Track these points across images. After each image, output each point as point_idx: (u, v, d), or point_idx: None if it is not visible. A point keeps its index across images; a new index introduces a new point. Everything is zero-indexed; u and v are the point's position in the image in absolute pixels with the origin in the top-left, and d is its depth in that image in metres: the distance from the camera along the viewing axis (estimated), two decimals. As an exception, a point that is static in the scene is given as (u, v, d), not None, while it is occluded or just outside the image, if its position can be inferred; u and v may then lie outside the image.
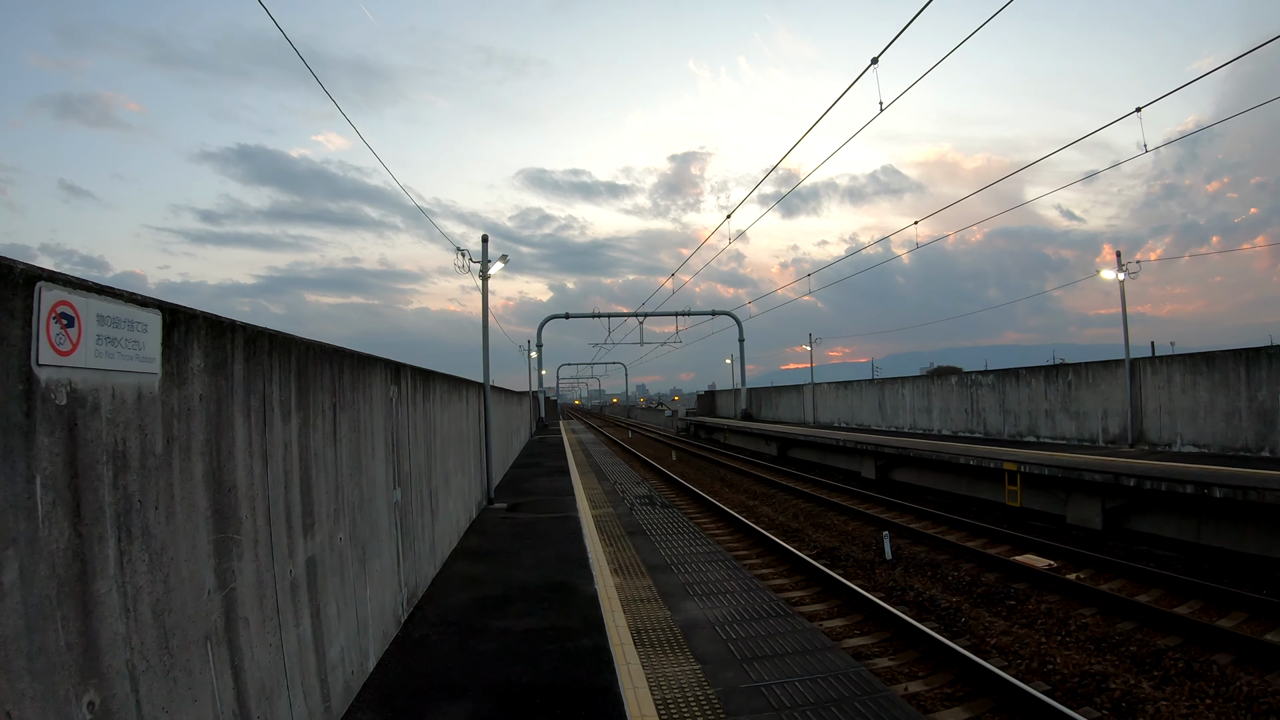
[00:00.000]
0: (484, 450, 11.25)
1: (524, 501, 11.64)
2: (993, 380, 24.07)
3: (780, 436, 30.30)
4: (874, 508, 16.54)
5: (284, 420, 3.30)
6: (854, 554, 11.85)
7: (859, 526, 14.23)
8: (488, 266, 11.60)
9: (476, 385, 10.72)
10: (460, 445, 9.01)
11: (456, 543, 8.35)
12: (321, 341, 3.84)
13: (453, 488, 8.18)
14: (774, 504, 18.32)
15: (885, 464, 21.45)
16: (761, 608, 6.11)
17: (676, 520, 10.47)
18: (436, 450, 7.24)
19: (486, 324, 11.38)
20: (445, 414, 7.82)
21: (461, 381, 9.23)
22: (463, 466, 9.16)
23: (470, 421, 9.98)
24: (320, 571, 3.69)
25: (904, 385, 28.92)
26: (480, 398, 11.13)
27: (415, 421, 6.21)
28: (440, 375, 7.58)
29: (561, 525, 9.44)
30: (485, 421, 11.27)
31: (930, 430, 27.01)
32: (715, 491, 21.17)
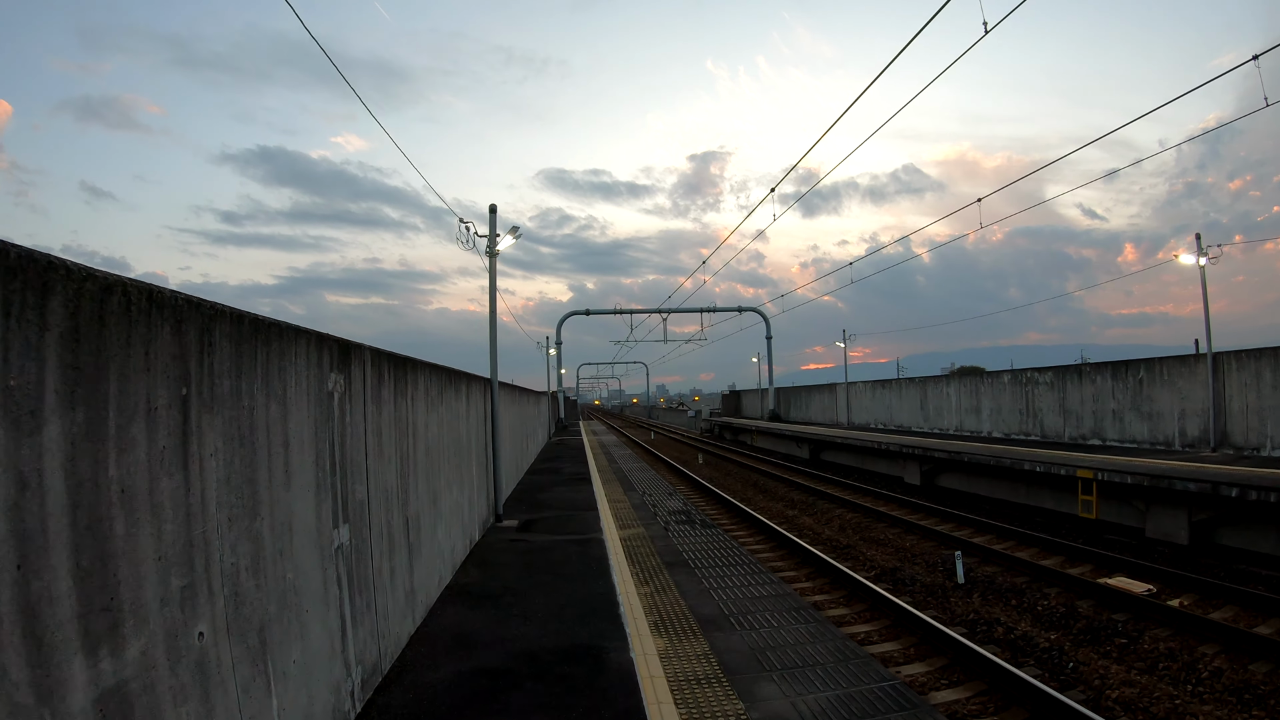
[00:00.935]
0: (491, 459, 9.51)
1: (538, 518, 9.89)
2: (1051, 378, 21.90)
3: (812, 438, 28.38)
4: (926, 518, 14.77)
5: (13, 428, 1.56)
6: (918, 576, 10.16)
7: (917, 542, 12.43)
8: (495, 242, 9.87)
9: (481, 381, 8.98)
10: (458, 455, 7.28)
11: (450, 578, 6.61)
12: (157, 285, 2.11)
13: (444, 509, 6.45)
14: (816, 514, 16.52)
15: (932, 469, 19.56)
16: (867, 690, 4.28)
17: (722, 544, 8.63)
18: (418, 464, 5.50)
19: (494, 309, 9.65)
20: (433, 417, 6.09)
21: (460, 376, 7.50)
22: (461, 480, 7.43)
23: (473, 425, 8.25)
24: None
25: (949, 384, 26.76)
26: (486, 396, 9.40)
27: (380, 427, 4.48)
28: (425, 365, 5.84)
29: (583, 552, 7.65)
30: (493, 424, 9.54)
31: (978, 432, 24.90)
32: (749, 499, 19.40)
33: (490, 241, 9.87)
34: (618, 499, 12.24)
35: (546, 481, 14.45)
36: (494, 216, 9.96)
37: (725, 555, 8.05)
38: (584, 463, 18.78)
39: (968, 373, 27.59)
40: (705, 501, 17.82)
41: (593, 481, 14.34)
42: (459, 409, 7.35)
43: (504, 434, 11.23)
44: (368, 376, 4.25)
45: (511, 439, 13.18)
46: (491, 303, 9.66)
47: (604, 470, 17.99)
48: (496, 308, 9.64)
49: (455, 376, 7.19)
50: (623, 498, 12.46)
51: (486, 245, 9.89)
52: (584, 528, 9.03)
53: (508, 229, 9.78)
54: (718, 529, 9.57)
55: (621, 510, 10.98)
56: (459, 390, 7.38)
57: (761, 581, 7.01)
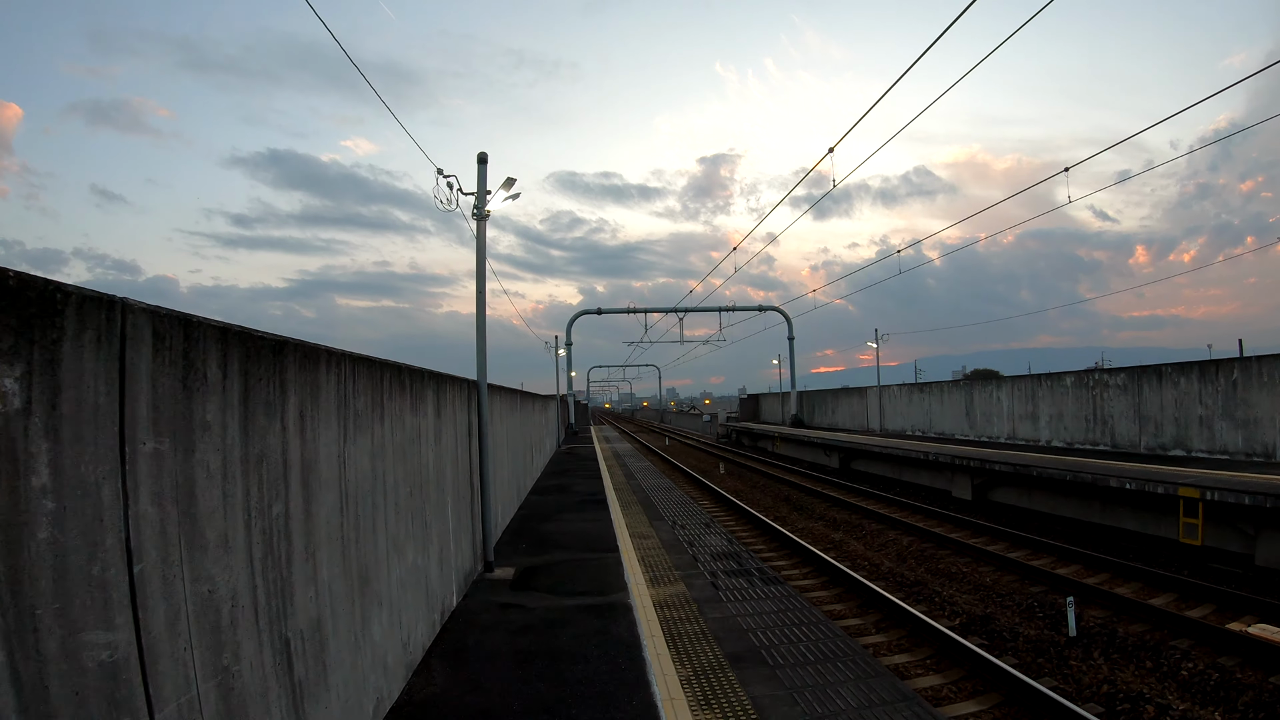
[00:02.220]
0: (478, 490, 7.08)
1: (542, 564, 7.45)
2: (1124, 380, 19.28)
3: (843, 446, 25.91)
4: (993, 542, 12.74)
5: None
6: (1015, 626, 8.08)
7: (995, 576, 10.32)
8: (485, 200, 7.48)
9: (461, 384, 6.56)
10: (418, 495, 4.86)
11: (397, 693, 4.19)
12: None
13: (389, 587, 4.03)
14: (865, 537, 14.18)
15: (985, 482, 17.17)
16: None
17: (801, 616, 6.16)
18: (319, 530, 3.10)
19: (483, 287, 7.22)
20: (362, 444, 3.69)
21: (422, 377, 5.09)
22: (426, 533, 5.01)
23: (447, 447, 5.83)
24: None
25: (1000, 387, 24.11)
26: (471, 403, 6.99)
27: (190, 476, 2.09)
28: (340, 358, 3.44)
29: (605, 632, 5.20)
30: (480, 443, 7.11)
31: (1035, 441, 22.32)
32: (784, 519, 16.98)
33: (478, 199, 7.48)
34: (643, 533, 9.77)
35: (554, 505, 12.03)
36: (483, 169, 7.56)
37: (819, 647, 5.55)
38: (598, 478, 16.36)
39: (979, 376, 25.08)
40: (732, 517, 15.35)
41: (609, 505, 11.91)
42: (420, 427, 4.93)
43: (498, 453, 8.82)
44: (144, 373, 1.87)
45: (510, 456, 10.78)
46: (479, 279, 7.24)
47: (621, 488, 15.55)
48: (485, 286, 7.23)
49: (412, 378, 4.76)
50: (649, 530, 9.99)
51: (474, 204, 7.50)
52: (603, 582, 6.57)
53: (502, 183, 7.37)
54: (783, 584, 7.08)
55: (650, 551, 8.52)
56: (420, 399, 4.96)
57: (877, 686, 4.54)
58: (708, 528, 10.28)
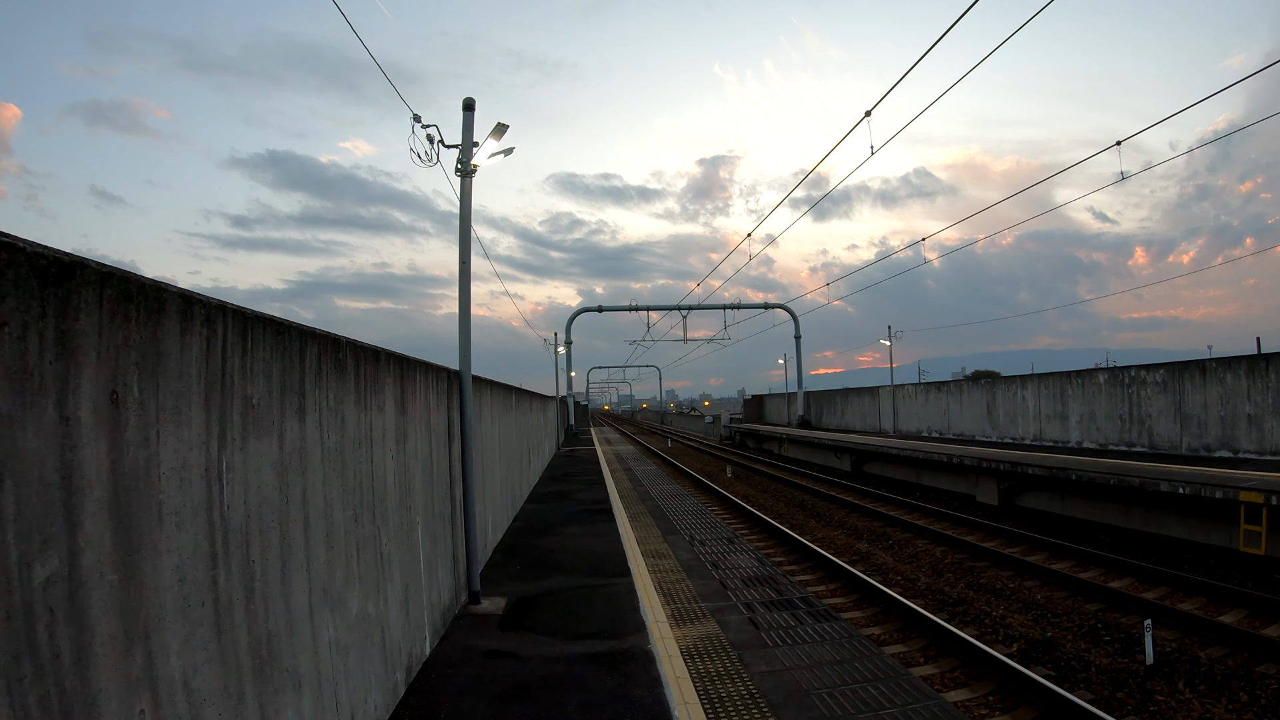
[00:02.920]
0: (460, 506, 5.77)
1: (538, 594, 6.14)
2: (1163, 376, 18.06)
3: (855, 448, 24.72)
4: (1032, 553, 11.80)
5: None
6: (1083, 652, 7.08)
7: (1045, 592, 9.31)
8: (471, 153, 6.19)
9: (435, 374, 5.24)
10: (373, 517, 3.56)
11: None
12: None
13: (312, 654, 2.73)
14: (892, 548, 13.02)
15: (1013, 487, 16.09)
16: None
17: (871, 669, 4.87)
18: (177, 598, 1.82)
19: (467, 255, 5.91)
20: (272, 450, 2.40)
21: (382, 359, 3.79)
22: (380, 568, 3.70)
23: (415, 452, 4.52)
24: None
25: (1025, 385, 22.84)
26: (452, 397, 5.69)
27: None
28: (251, 320, 2.15)
29: (621, 705, 3.89)
30: (463, 447, 5.80)
31: (1064, 442, 21.10)
32: (801, 526, 15.79)
33: (464, 152, 6.18)
34: (657, 550, 8.45)
35: (554, 515, 10.72)
36: (470, 116, 6.27)
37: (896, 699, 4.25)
38: (601, 483, 15.05)
39: (980, 376, 23.92)
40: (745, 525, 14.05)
41: (616, 515, 10.60)
42: (373, 426, 3.62)
43: (488, 457, 7.51)
44: None
45: (504, 461, 9.47)
46: (463, 247, 5.94)
47: (627, 495, 14.25)
48: (470, 256, 5.92)
49: (360, 359, 3.45)
50: (663, 547, 8.67)
51: (458, 158, 6.21)
52: (616, 620, 5.26)
53: (491, 130, 6.06)
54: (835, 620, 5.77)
55: (668, 574, 7.19)
56: (375, 388, 3.66)
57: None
58: (731, 544, 8.97)
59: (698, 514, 11.69)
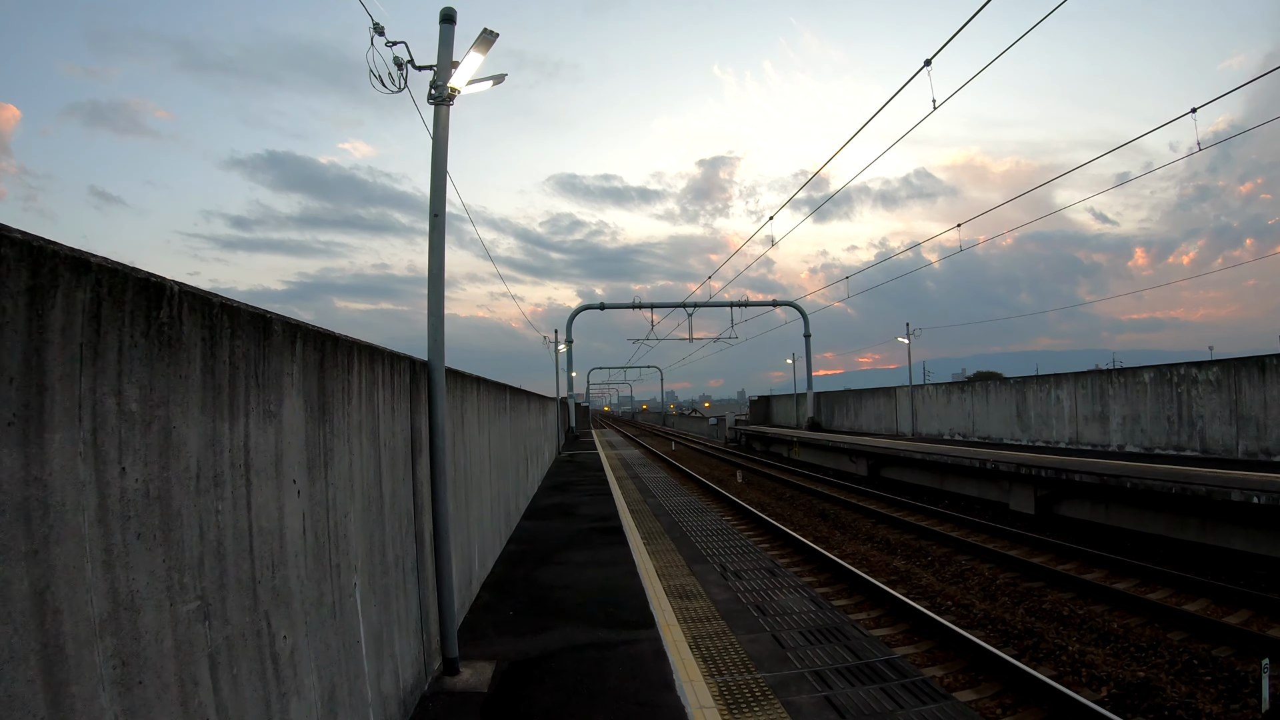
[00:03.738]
0: (427, 542, 4.25)
1: (536, 656, 4.61)
2: (1217, 374, 16.61)
3: (871, 452, 23.29)
4: (1086, 570, 10.65)
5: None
6: (1186, 698, 5.98)
7: (1125, 620, 8.18)
8: (448, 73, 4.68)
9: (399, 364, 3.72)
10: (250, 603, 2.09)
11: None
12: None
13: None
14: (933, 566, 11.56)
15: (1051, 494, 14.81)
16: None
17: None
18: None
19: (441, 199, 4.39)
20: None
21: (284, 332, 2.28)
22: (271, 680, 2.22)
23: (362, 473, 3.03)
24: None
25: (1060, 385, 21.32)
26: (417, 397, 4.17)
27: None
28: None
29: None
30: (433, 464, 4.28)
31: (1103, 446, 19.64)
32: (826, 538, 14.48)
33: (439, 73, 4.67)
34: (685, 587, 6.88)
35: (555, 535, 9.20)
36: (449, 30, 4.75)
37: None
38: (607, 494, 13.53)
39: (983, 377, 22.50)
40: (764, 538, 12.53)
41: (627, 534, 9.09)
42: (254, 448, 2.12)
43: (475, 473, 6.00)
44: None
45: (496, 474, 7.94)
46: (436, 195, 4.42)
47: (637, 507, 12.74)
48: (444, 208, 4.41)
49: (224, 322, 1.96)
50: (691, 582, 7.09)
51: (431, 82, 4.70)
52: (646, 706, 3.75)
53: (475, 40, 4.54)
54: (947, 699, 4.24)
55: (703, 624, 5.64)
56: (264, 385, 2.16)
57: None
58: (772, 576, 7.40)
59: (722, 533, 10.17)
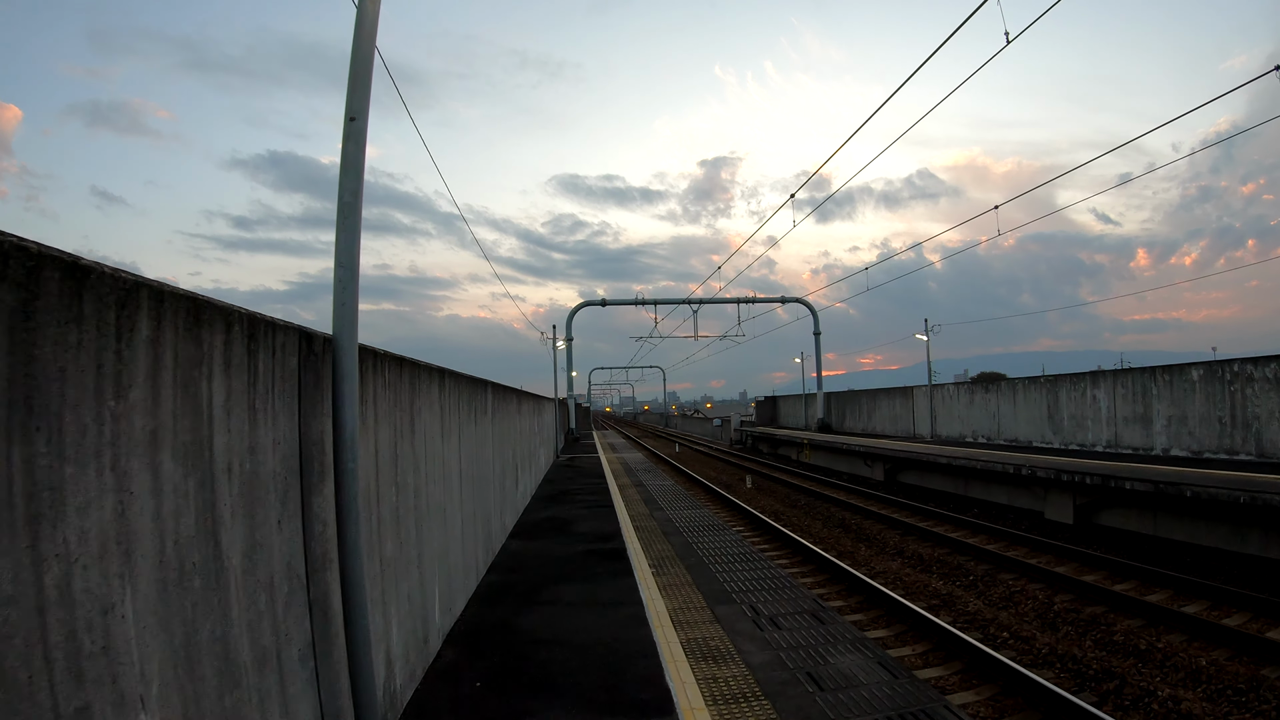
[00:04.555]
0: (337, 617, 2.71)
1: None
2: (1275, 371, 15.08)
3: (888, 455, 21.79)
4: (1157, 593, 9.34)
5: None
6: None
7: (1211, 654, 6.96)
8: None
9: (265, 334, 2.18)
10: None
11: None
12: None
13: None
14: (976, 588, 10.07)
15: (1092, 502, 13.46)
16: None
17: None
18: None
19: (365, 95, 2.90)
20: None
21: None
22: None
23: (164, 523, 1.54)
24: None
25: (1097, 384, 19.74)
26: (312, 388, 2.65)
27: None
28: None
29: None
30: (339, 496, 2.77)
31: (1145, 449, 18.10)
32: (850, 553, 13.08)
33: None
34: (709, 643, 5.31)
35: (545, 561, 7.67)
36: None
37: None
38: (607, 504, 11.99)
39: (986, 378, 21.08)
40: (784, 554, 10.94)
41: (632, 560, 7.55)
42: None
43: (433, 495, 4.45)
44: None
45: (472, 491, 6.37)
46: (356, 84, 2.90)
47: (643, 524, 11.20)
48: (368, 105, 2.89)
49: None
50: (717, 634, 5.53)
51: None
52: None
53: None
54: None
55: (741, 701, 4.11)
56: None
57: None
58: (819, 623, 5.84)
59: (745, 559, 8.61)
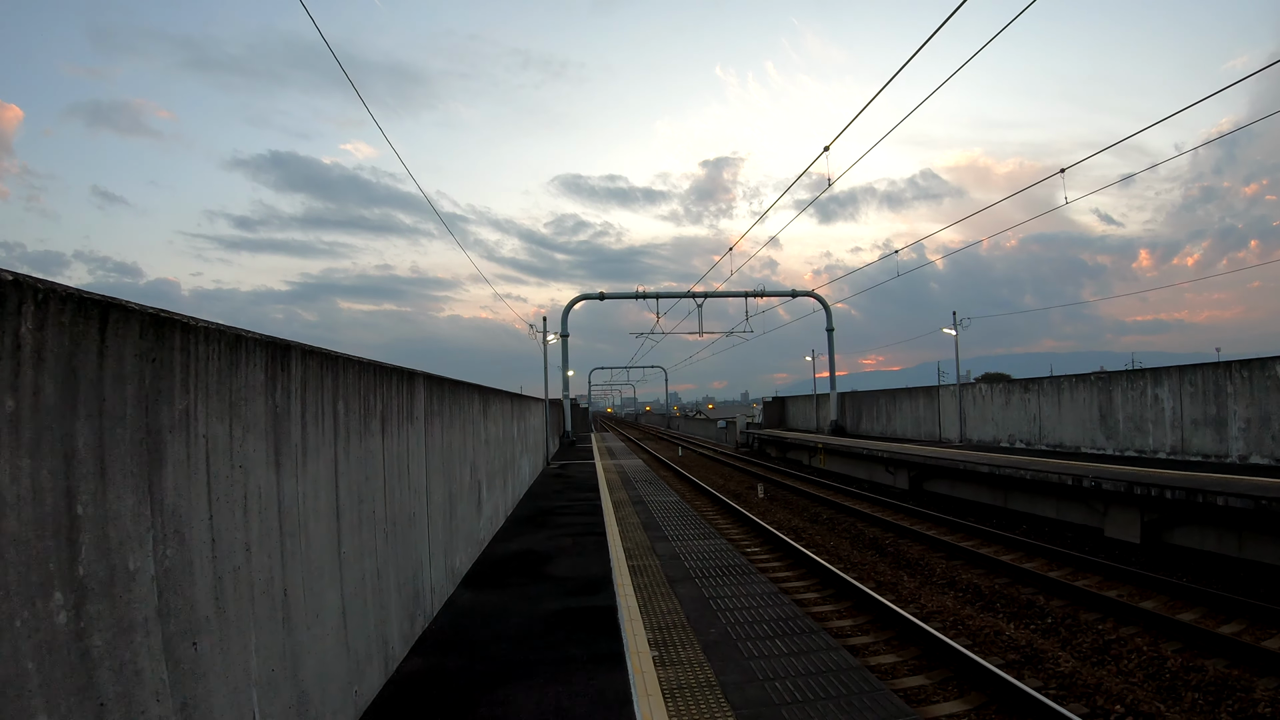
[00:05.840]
0: None
1: None
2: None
3: (914, 461, 19.62)
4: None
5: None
6: None
7: None
8: None
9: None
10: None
11: None
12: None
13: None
14: (1061, 634, 7.96)
15: (1161, 519, 11.73)
16: None
17: None
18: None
19: None
20: None
21: None
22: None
23: None
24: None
25: (1159, 382, 17.35)
26: None
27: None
28: None
29: None
30: None
31: (1222, 456, 15.82)
32: (892, 584, 10.86)
33: None
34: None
35: (500, 634, 5.33)
36: None
37: None
38: (599, 530, 9.64)
39: (989, 379, 18.84)
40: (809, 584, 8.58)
41: (624, 633, 5.22)
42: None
43: (254, 574, 1.99)
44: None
45: (381, 543, 4.04)
46: None
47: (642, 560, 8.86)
48: None
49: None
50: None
51: None
52: None
53: None
54: None
55: None
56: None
57: None
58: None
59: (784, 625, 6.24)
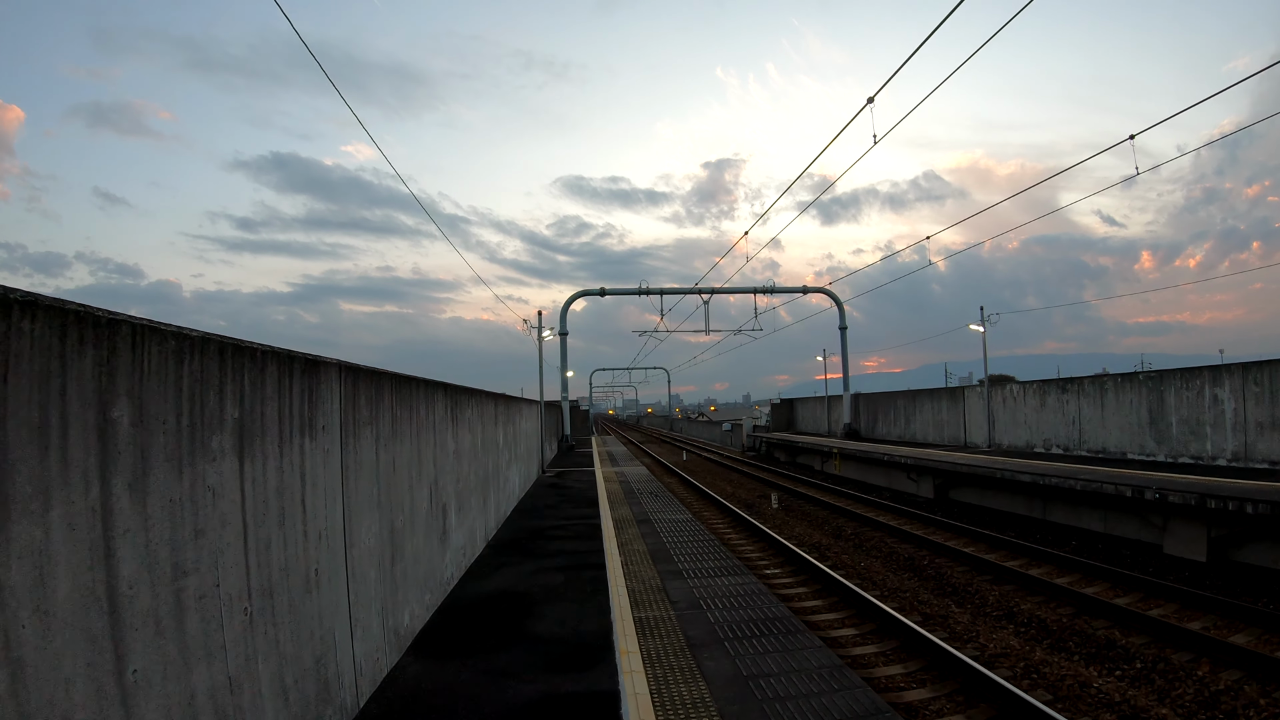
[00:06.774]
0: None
1: None
2: None
3: (940, 468, 17.94)
4: None
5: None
6: None
7: None
8: None
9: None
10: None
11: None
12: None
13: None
14: (1152, 680, 6.68)
15: (1226, 535, 10.25)
16: None
17: None
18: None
19: None
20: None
21: None
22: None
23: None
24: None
25: (1218, 381, 15.68)
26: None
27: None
28: None
29: None
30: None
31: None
32: (943, 616, 9.06)
33: None
34: None
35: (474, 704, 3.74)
36: None
37: None
38: (597, 562, 8.04)
39: (994, 380, 17.40)
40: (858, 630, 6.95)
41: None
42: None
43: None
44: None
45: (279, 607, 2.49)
46: None
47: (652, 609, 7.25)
48: None
49: None
50: None
51: None
52: None
53: None
54: None
55: None
56: None
57: None
58: None
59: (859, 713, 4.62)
